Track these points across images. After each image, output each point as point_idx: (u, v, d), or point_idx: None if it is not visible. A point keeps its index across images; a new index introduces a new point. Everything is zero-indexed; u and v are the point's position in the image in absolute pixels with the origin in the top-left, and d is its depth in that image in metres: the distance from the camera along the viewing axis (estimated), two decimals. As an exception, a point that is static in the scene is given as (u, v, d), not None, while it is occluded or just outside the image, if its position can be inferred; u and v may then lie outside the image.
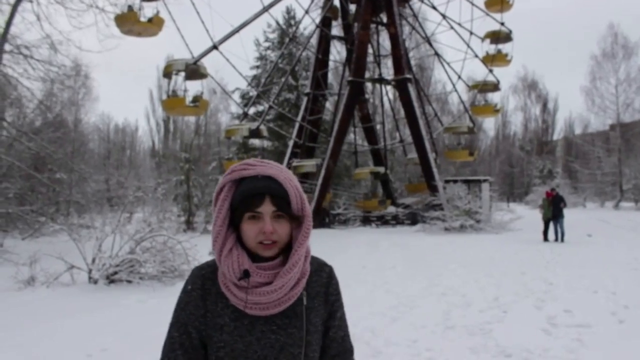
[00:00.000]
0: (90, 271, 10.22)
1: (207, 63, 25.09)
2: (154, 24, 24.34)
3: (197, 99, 24.98)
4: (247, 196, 1.43)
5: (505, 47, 33.87)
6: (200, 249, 11.25)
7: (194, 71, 24.33)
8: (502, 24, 32.98)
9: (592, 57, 49.91)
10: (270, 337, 1.45)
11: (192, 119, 51.96)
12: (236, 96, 35.89)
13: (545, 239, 18.58)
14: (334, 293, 1.59)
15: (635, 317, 7.12)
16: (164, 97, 26.69)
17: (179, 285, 9.26)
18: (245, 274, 1.43)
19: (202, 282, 1.52)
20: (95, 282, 10.09)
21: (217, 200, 1.49)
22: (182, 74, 24.46)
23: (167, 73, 25.11)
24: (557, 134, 72.91)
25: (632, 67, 48.07)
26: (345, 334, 1.61)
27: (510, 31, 33.27)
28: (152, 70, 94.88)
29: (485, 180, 27.30)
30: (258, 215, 1.43)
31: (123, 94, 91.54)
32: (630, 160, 45.24)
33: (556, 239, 18.16)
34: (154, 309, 8.15)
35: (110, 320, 7.43)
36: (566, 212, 18.80)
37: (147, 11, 24.44)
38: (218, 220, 1.47)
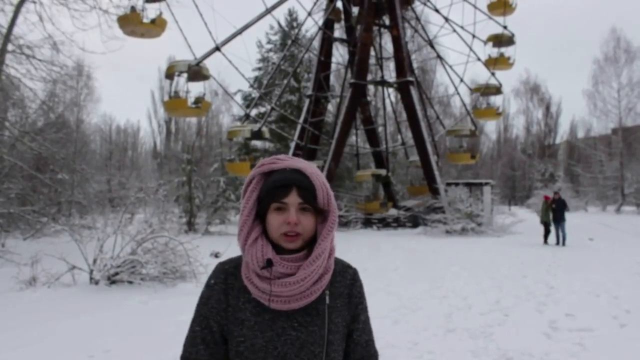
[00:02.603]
0: (91, 272, 10.21)
1: (210, 64, 25.09)
2: (157, 25, 24.44)
3: (199, 101, 25.04)
4: (275, 187, 1.45)
5: (507, 51, 33.92)
6: (201, 250, 11.26)
7: (197, 72, 24.40)
8: (505, 27, 33.00)
9: (594, 61, 50.15)
10: (291, 334, 1.44)
11: (194, 120, 52.05)
12: (238, 98, 35.96)
13: (545, 242, 18.57)
14: (357, 295, 1.58)
15: (637, 322, 7.10)
16: (166, 98, 26.70)
17: (181, 287, 9.24)
18: (268, 263, 1.43)
19: (225, 277, 1.53)
20: (97, 282, 10.09)
21: (246, 191, 1.51)
22: (185, 75, 24.53)
23: (170, 74, 25.18)
24: (560, 138, 72.82)
25: (635, 71, 48.21)
26: (369, 338, 1.60)
27: (513, 34, 33.28)
28: (154, 71, 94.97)
29: (487, 184, 27.29)
30: (284, 206, 1.44)
31: (125, 95, 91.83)
32: (632, 164, 45.20)
33: (557, 243, 18.13)
34: (156, 310, 8.16)
35: (112, 321, 7.43)
36: (568, 215, 18.79)
37: (150, 12, 24.60)
38: (245, 210, 1.49)
